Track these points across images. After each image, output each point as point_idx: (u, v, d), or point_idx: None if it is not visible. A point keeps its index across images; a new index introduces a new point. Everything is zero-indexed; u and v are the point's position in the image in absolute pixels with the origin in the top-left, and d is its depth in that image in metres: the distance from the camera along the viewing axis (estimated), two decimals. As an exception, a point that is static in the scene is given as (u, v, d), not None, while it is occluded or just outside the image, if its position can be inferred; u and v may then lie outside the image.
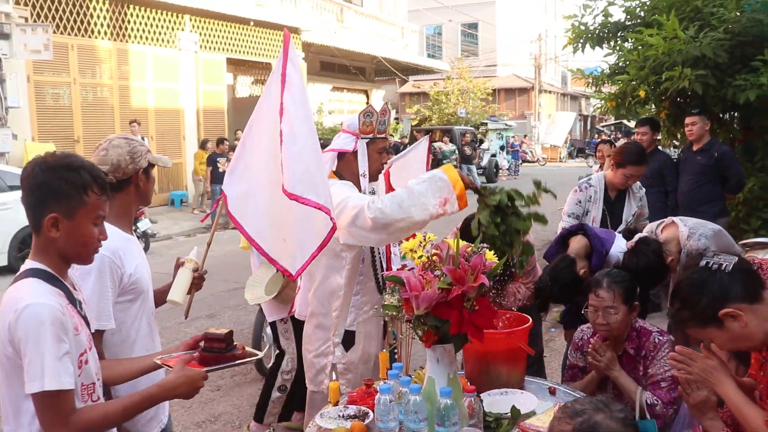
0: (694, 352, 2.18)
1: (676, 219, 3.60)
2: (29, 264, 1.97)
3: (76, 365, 1.91)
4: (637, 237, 3.48)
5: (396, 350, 3.23)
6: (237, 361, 2.28)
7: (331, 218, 2.83)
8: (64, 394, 1.82)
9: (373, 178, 3.21)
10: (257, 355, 2.41)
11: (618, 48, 7.83)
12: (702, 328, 2.09)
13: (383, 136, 3.15)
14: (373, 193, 3.15)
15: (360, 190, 3.13)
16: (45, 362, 1.79)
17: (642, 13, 7.62)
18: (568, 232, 3.78)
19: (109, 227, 2.61)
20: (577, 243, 3.64)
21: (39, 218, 1.92)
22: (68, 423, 1.83)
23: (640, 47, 6.75)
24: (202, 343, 2.28)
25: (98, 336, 2.54)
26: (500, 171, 26.99)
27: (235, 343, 2.30)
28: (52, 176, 1.90)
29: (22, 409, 1.89)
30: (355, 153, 3.16)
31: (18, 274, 1.95)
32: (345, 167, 3.21)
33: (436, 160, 20.51)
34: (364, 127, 3.14)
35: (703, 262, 2.10)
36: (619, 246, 3.61)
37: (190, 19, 16.71)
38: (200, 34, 17.02)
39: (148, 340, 2.63)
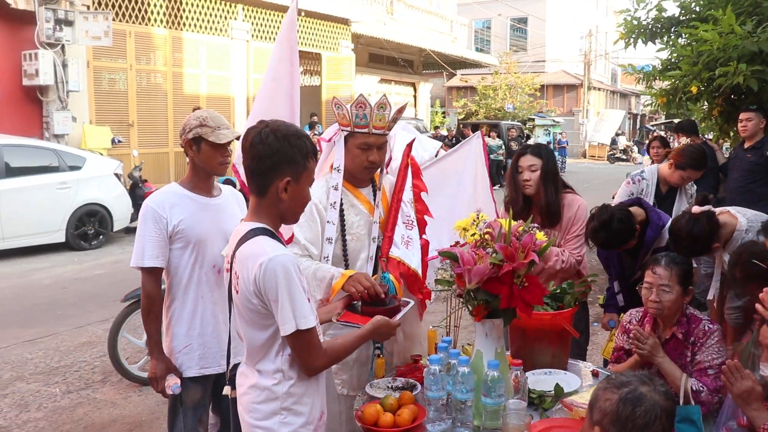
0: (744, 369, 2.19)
1: (732, 209, 3.55)
2: (251, 225, 2.11)
3: None
4: (707, 208, 3.44)
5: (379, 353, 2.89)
6: (403, 310, 2.57)
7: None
8: (313, 330, 2.05)
9: (358, 175, 2.95)
10: (410, 303, 2.66)
11: (671, 43, 7.72)
12: None
13: (365, 131, 2.82)
14: (335, 189, 2.88)
15: (328, 186, 2.90)
16: (295, 306, 2.00)
17: (697, 8, 7.50)
18: (623, 204, 3.75)
19: (171, 185, 3.04)
20: (633, 212, 3.62)
21: (270, 182, 2.08)
22: (323, 352, 2.10)
23: (694, 42, 6.67)
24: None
25: (152, 272, 2.93)
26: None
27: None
28: (286, 144, 2.07)
29: (265, 348, 2.12)
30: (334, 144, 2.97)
31: (244, 234, 2.08)
32: None
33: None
34: (340, 119, 2.91)
35: None
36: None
37: (243, 9, 16.99)
38: (252, 23, 17.28)
39: (206, 289, 2.97)
